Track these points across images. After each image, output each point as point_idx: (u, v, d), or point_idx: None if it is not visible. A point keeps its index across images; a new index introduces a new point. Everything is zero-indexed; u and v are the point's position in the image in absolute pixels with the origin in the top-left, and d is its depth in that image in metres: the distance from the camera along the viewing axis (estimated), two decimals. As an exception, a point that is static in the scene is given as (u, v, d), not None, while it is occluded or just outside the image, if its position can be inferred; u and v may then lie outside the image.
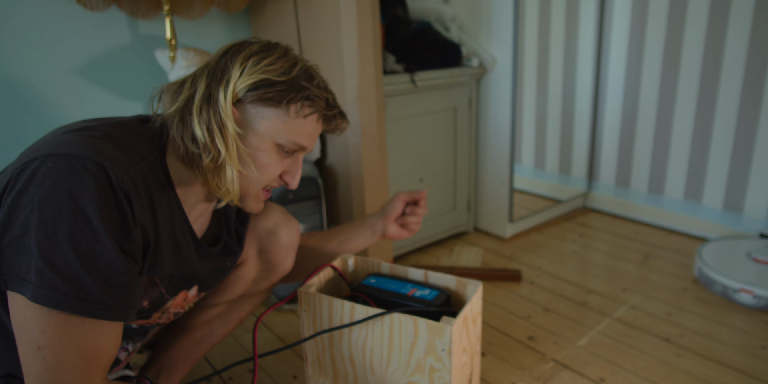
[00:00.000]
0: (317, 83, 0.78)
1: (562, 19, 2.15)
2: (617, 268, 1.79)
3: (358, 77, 1.36)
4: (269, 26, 1.63)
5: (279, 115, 0.75)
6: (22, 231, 0.60)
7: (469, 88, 1.95)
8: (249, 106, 0.75)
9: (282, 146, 0.78)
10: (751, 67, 1.78)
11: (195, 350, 1.02)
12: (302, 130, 0.78)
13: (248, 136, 0.76)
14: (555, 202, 2.28)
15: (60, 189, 0.60)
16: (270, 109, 0.75)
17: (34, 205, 0.60)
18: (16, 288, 0.60)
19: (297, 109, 0.76)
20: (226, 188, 0.76)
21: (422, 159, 1.88)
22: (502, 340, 1.38)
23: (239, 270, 1.02)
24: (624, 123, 2.19)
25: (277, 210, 1.03)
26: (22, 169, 0.62)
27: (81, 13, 1.41)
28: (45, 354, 0.60)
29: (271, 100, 0.74)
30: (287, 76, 0.75)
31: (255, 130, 0.76)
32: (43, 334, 0.60)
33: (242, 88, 0.73)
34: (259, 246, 1.01)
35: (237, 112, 0.74)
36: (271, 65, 0.74)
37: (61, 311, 0.60)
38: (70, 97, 1.45)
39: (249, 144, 0.76)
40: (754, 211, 1.88)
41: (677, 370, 1.24)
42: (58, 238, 0.59)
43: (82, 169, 0.61)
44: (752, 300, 1.49)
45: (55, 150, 0.63)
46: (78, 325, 0.61)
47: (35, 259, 0.59)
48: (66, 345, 0.61)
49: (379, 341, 0.92)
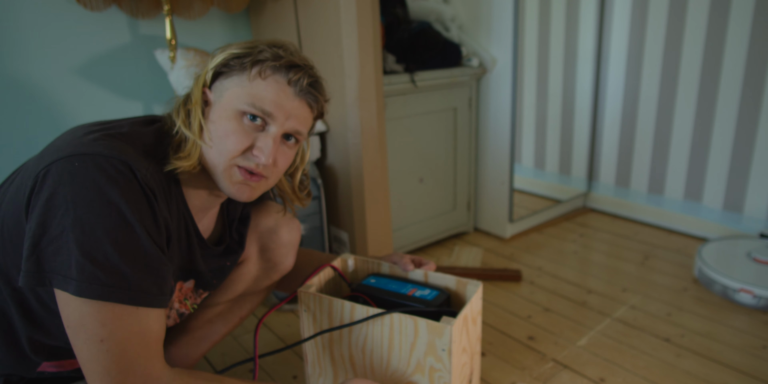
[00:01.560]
0: (283, 48, 0.78)
1: (562, 19, 2.15)
2: (617, 268, 1.79)
3: (358, 77, 1.36)
4: (269, 26, 1.63)
5: (238, 82, 0.76)
6: (59, 230, 0.62)
7: (469, 88, 1.95)
8: (217, 84, 0.77)
9: (244, 112, 0.75)
10: (751, 67, 1.78)
11: (195, 349, 1.03)
12: (263, 94, 0.74)
13: (213, 110, 0.77)
14: (555, 202, 2.28)
15: (91, 187, 0.62)
16: (231, 79, 0.76)
17: (69, 204, 0.62)
18: (59, 285, 0.62)
19: (256, 71, 0.75)
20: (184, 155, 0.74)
21: (422, 159, 1.88)
22: (502, 340, 1.38)
23: (240, 268, 1.02)
24: (624, 123, 2.19)
25: (277, 209, 1.04)
26: (48, 170, 0.64)
27: (81, 13, 1.41)
28: (108, 346, 0.62)
29: (232, 69, 0.76)
30: (251, 49, 0.76)
31: (218, 102, 0.77)
32: (104, 326, 0.62)
33: (211, 69, 0.77)
34: (260, 244, 1.02)
35: (210, 93, 0.77)
36: (241, 47, 0.77)
37: (108, 302, 0.62)
38: (70, 97, 1.45)
39: (210, 116, 0.77)
40: (754, 211, 1.88)
41: (677, 370, 1.24)
42: (95, 232, 0.62)
43: (110, 167, 0.64)
44: (752, 300, 1.49)
45: (79, 150, 0.65)
46: (133, 314, 0.64)
47: (75, 254, 0.61)
48: (127, 334, 0.63)
49: (379, 341, 0.92)
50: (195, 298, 0.92)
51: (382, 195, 1.50)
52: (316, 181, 1.50)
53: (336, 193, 1.58)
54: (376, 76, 1.39)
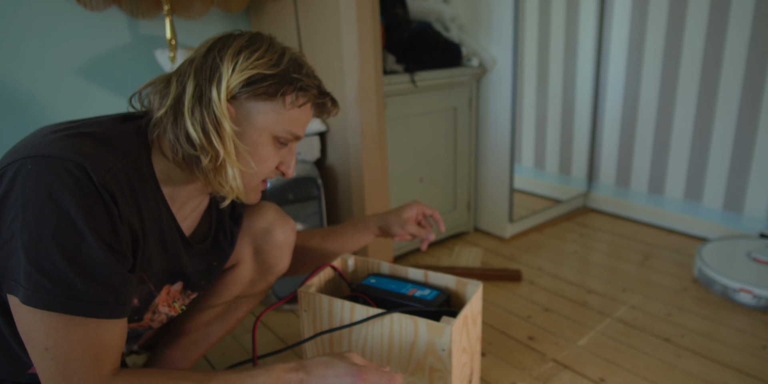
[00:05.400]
0: (306, 72, 0.79)
1: (562, 19, 2.15)
2: (617, 268, 1.79)
3: (358, 77, 1.36)
4: (269, 26, 1.63)
5: (275, 108, 0.76)
6: (9, 234, 0.60)
7: (469, 88, 1.95)
8: (244, 102, 0.75)
9: (278, 138, 0.78)
10: (751, 67, 1.78)
11: (193, 351, 1.02)
12: (297, 120, 0.79)
13: (246, 133, 0.75)
14: (555, 202, 2.28)
15: (41, 191, 0.60)
16: (265, 102, 0.75)
17: (18, 208, 0.60)
18: (10, 290, 0.61)
19: (292, 100, 0.77)
20: (230, 186, 0.76)
21: (422, 159, 1.88)
22: (502, 340, 1.38)
23: (235, 271, 1.01)
24: (624, 123, 2.19)
25: (271, 209, 1.01)
26: (4, 172, 0.62)
27: (81, 13, 1.41)
28: (53, 355, 0.61)
29: (266, 94, 0.74)
30: (278, 68, 0.75)
31: (252, 126, 0.75)
32: (48, 336, 0.61)
33: (236, 84, 0.73)
34: (255, 246, 1.00)
35: (232, 109, 0.74)
36: (261, 58, 0.74)
37: (54, 312, 0.60)
38: (70, 97, 1.45)
39: (247, 140, 0.76)
40: (754, 211, 1.88)
41: (677, 370, 1.24)
42: (43, 240, 0.60)
43: (62, 170, 0.61)
44: (752, 300, 1.49)
45: (35, 151, 0.63)
46: (81, 325, 0.62)
47: (23, 261, 0.60)
48: (71, 344, 0.61)
49: (379, 341, 0.92)
50: (183, 300, 0.91)
51: (382, 195, 1.50)
52: (316, 181, 1.50)
53: (336, 193, 1.58)
54: (376, 76, 1.39)
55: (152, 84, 0.77)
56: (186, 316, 1.02)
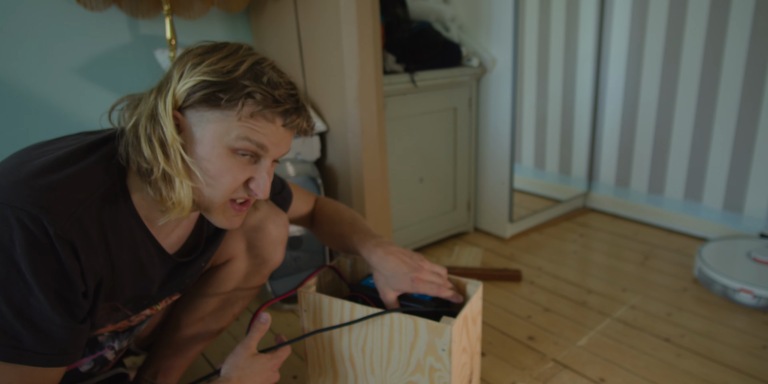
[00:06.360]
0: (267, 80, 0.71)
1: (562, 19, 2.15)
2: (617, 268, 1.79)
3: (358, 77, 1.36)
4: (269, 26, 1.63)
5: (223, 117, 0.70)
6: None
7: (469, 88, 1.95)
8: (192, 111, 0.71)
9: (236, 149, 0.71)
10: (751, 67, 1.78)
11: (190, 348, 1.02)
12: (254, 131, 0.71)
13: (195, 144, 0.71)
14: (555, 202, 2.28)
15: None
16: (212, 111, 0.70)
17: None
18: None
19: (239, 108, 0.70)
20: (176, 201, 0.71)
21: (422, 159, 1.88)
22: (502, 340, 1.38)
23: (229, 266, 1.01)
24: (624, 123, 2.19)
25: (264, 204, 0.99)
26: None
27: (81, 13, 1.41)
28: None
29: (209, 102, 0.69)
30: (228, 76, 0.69)
31: (204, 136, 0.71)
32: None
33: (181, 93, 0.70)
34: (248, 241, 1.00)
35: (184, 119, 0.71)
36: (213, 65, 0.70)
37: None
38: (70, 97, 1.45)
39: (196, 152, 0.71)
40: (754, 211, 1.88)
41: (677, 370, 1.24)
42: None
43: (15, 221, 0.61)
44: (752, 300, 1.49)
45: None
46: (18, 372, 0.63)
47: None
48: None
49: (379, 341, 0.92)
50: (167, 301, 0.91)
51: (382, 195, 1.50)
52: (316, 181, 1.50)
53: (336, 193, 1.58)
54: (376, 76, 1.39)
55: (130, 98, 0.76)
56: (182, 313, 1.02)
